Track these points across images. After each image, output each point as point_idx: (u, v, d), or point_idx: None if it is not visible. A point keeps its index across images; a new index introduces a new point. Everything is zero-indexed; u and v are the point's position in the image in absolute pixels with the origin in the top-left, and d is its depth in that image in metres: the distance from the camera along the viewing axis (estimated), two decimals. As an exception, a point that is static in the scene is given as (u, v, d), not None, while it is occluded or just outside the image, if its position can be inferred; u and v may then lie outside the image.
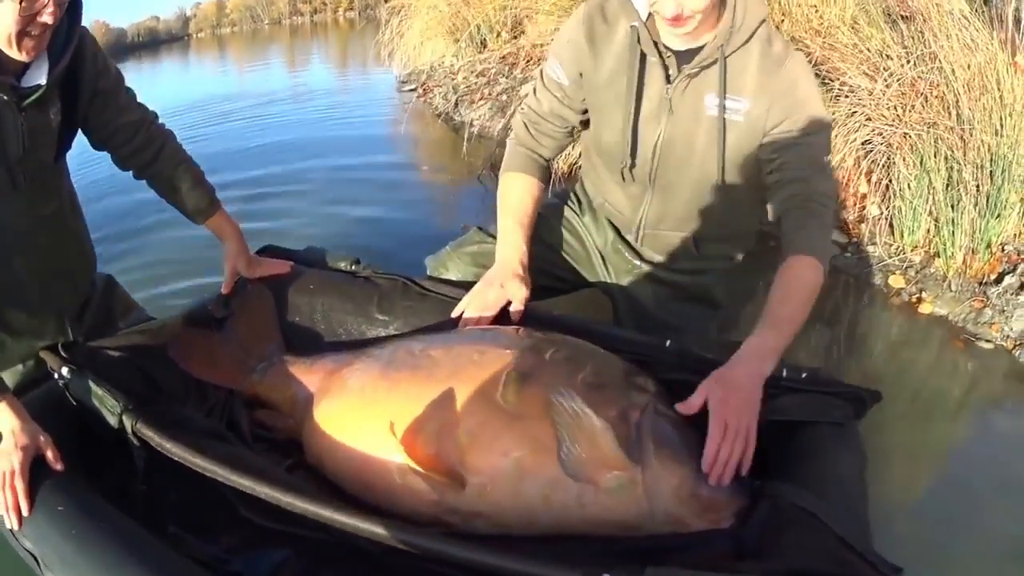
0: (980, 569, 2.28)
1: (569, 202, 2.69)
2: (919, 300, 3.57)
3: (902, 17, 4.16)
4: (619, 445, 1.57)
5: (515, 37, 7.25)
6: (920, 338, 3.47)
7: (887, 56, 4.00)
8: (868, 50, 4.11)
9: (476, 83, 7.04)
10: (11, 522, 1.77)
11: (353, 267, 2.60)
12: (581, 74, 2.29)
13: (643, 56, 2.16)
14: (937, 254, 3.67)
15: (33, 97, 2.00)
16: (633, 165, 2.29)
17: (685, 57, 2.12)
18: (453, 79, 7.34)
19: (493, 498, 1.62)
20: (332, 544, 1.69)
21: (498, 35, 7.45)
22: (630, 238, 2.51)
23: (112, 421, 1.87)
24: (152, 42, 36.84)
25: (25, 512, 1.77)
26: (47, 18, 1.85)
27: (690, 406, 1.71)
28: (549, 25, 6.33)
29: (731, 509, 1.58)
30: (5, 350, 2.31)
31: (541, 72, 2.43)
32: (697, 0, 1.92)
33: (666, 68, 2.15)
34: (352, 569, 1.69)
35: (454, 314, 2.23)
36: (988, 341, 3.30)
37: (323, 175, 6.05)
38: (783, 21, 4.62)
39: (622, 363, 1.87)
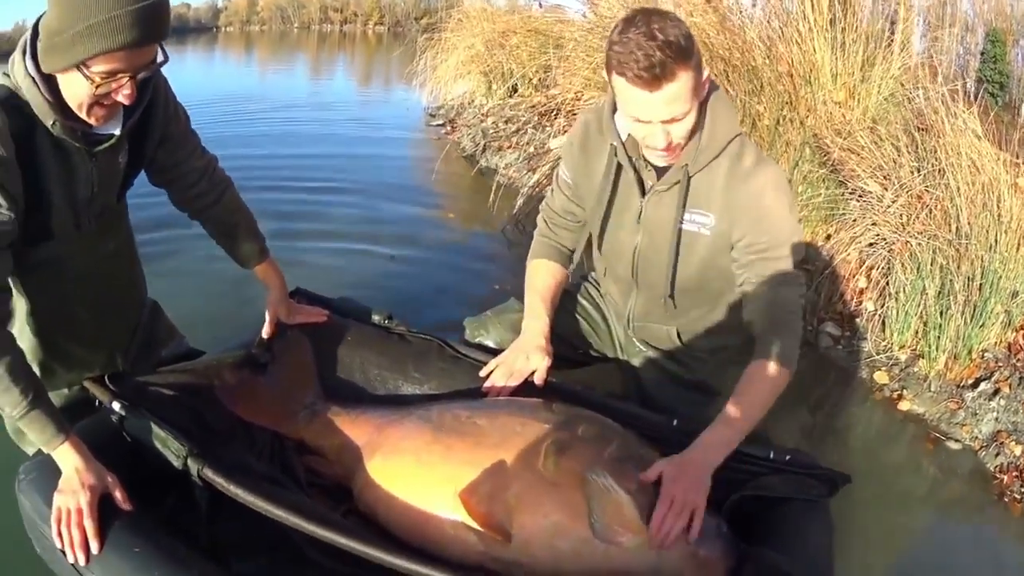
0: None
1: (591, 279, 2.85)
2: (899, 397, 3.75)
3: (918, 129, 4.30)
4: (638, 513, 1.81)
5: (547, 87, 7.31)
6: (895, 432, 3.64)
7: (899, 164, 4.18)
8: (882, 155, 4.29)
9: (505, 130, 7.10)
10: (78, 559, 1.78)
11: (387, 322, 2.69)
12: (576, 177, 2.48)
13: (619, 170, 2.33)
14: (921, 355, 3.86)
15: (105, 145, 2.00)
16: (621, 269, 2.50)
17: (661, 172, 2.28)
18: (483, 121, 7.39)
19: (532, 551, 1.83)
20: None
21: (529, 81, 7.56)
22: (626, 327, 2.69)
23: (176, 463, 1.91)
24: (180, 29, 36.39)
25: (95, 551, 1.78)
26: (122, 99, 1.85)
27: (647, 478, 1.92)
28: (578, 83, 6.43)
29: (722, 568, 1.82)
30: (55, 376, 2.30)
31: (556, 173, 2.59)
32: (680, 128, 2.07)
33: (641, 184, 2.32)
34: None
35: (482, 373, 2.39)
36: (957, 441, 3.48)
37: (346, 206, 6.01)
38: (808, 116, 4.77)
39: (638, 440, 2.08)
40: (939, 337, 3.78)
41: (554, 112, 6.70)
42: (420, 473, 2.03)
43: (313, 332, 2.65)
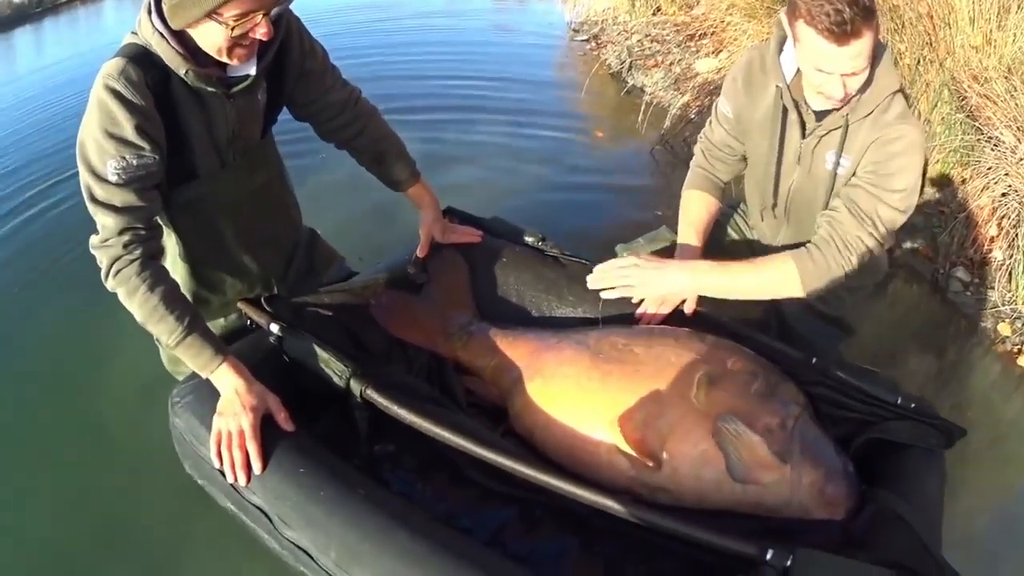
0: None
1: (739, 211, 2.98)
2: (1019, 352, 3.75)
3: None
4: (774, 449, 1.95)
5: (689, 7, 7.19)
6: (1010, 388, 3.62)
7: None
8: (1016, 107, 4.26)
9: (651, 48, 6.94)
10: (238, 478, 1.85)
11: (540, 244, 2.71)
12: (739, 112, 2.60)
13: (786, 111, 2.44)
14: (1041, 312, 3.85)
15: (241, 86, 2.04)
16: (775, 204, 2.61)
17: (820, 115, 2.38)
18: (628, 39, 7.22)
19: (678, 478, 1.97)
20: (546, 504, 1.99)
21: (673, 1, 7.39)
22: None
23: (339, 383, 1.96)
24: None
25: (257, 471, 1.84)
26: (260, 36, 1.88)
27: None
28: (723, 7, 6.32)
29: (846, 506, 1.93)
30: (210, 307, 2.39)
31: (716, 105, 2.70)
32: (856, 81, 2.19)
33: (803, 125, 2.43)
34: (563, 527, 1.99)
35: (634, 300, 2.44)
36: (1063, 407, 3.49)
37: (492, 122, 5.81)
38: (947, 59, 4.76)
39: (781, 376, 2.17)
40: (1058, 297, 3.77)
41: (700, 35, 6.61)
42: (580, 398, 2.15)
43: (468, 252, 2.71)
